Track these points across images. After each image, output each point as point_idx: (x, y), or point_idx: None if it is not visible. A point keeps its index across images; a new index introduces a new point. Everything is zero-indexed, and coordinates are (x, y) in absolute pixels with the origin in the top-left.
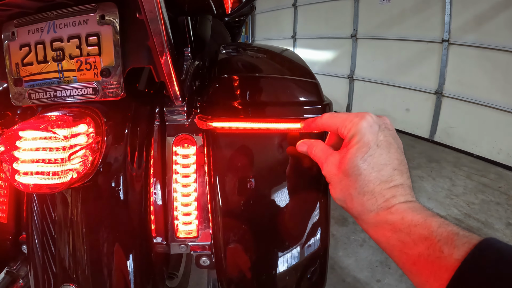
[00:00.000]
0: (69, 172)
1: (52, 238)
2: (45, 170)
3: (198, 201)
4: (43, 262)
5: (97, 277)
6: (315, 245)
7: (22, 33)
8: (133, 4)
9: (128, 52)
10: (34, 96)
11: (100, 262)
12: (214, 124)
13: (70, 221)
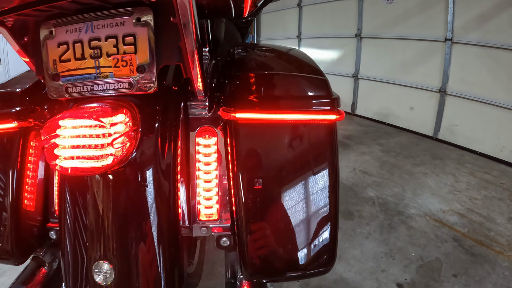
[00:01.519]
0: (109, 156)
1: (86, 219)
2: (86, 155)
3: (219, 187)
4: (76, 241)
5: (128, 256)
6: (326, 228)
7: (60, 32)
8: (167, 9)
9: (161, 51)
10: (71, 90)
11: (131, 242)
12: (237, 115)
13: (103, 203)
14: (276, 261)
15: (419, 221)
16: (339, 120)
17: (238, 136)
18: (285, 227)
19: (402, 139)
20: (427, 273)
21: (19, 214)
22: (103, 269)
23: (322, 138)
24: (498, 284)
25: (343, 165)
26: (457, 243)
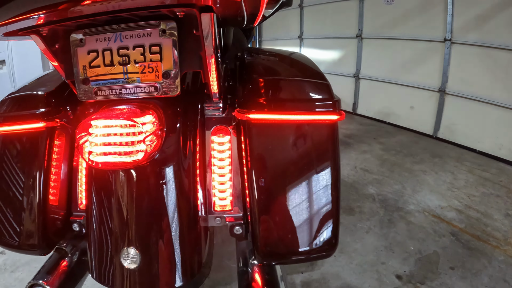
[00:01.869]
0: (140, 152)
1: (114, 210)
2: (118, 151)
3: (232, 181)
4: (104, 230)
5: (153, 242)
6: (328, 217)
7: (90, 41)
8: (190, 22)
9: (184, 59)
10: (100, 93)
11: (156, 229)
12: (251, 116)
13: (131, 195)
14: (285, 246)
15: (418, 217)
16: (340, 120)
17: (251, 135)
18: (292, 216)
19: (403, 137)
20: (425, 265)
21: (45, 208)
22: (130, 254)
23: (325, 136)
24: (494, 276)
25: (344, 163)
26: (454, 237)
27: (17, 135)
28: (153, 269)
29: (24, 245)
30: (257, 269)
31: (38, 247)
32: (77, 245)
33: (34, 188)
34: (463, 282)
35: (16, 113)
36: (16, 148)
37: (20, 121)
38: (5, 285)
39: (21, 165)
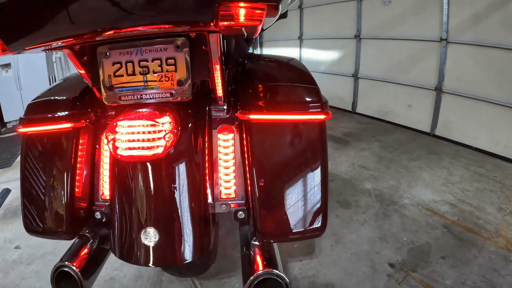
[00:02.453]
0: (160, 147)
1: (135, 196)
2: (142, 146)
3: (235, 172)
4: (126, 213)
5: (169, 223)
6: (318, 203)
7: (114, 54)
8: (200, 39)
9: (195, 69)
10: (123, 98)
11: (172, 212)
12: (251, 116)
13: (150, 183)
14: (281, 226)
15: (411, 210)
16: (327, 119)
17: (251, 132)
18: (287, 202)
19: (400, 135)
20: (417, 255)
21: (72, 199)
22: (150, 234)
23: (314, 133)
24: (484, 266)
25: (342, 160)
26: (446, 229)
27: (47, 135)
28: (169, 245)
29: (54, 232)
30: (257, 249)
31: (66, 232)
32: (98, 232)
33: (63, 182)
34: (453, 270)
35: (46, 115)
36: (46, 146)
37: (50, 122)
38: (22, 277)
39: (51, 162)
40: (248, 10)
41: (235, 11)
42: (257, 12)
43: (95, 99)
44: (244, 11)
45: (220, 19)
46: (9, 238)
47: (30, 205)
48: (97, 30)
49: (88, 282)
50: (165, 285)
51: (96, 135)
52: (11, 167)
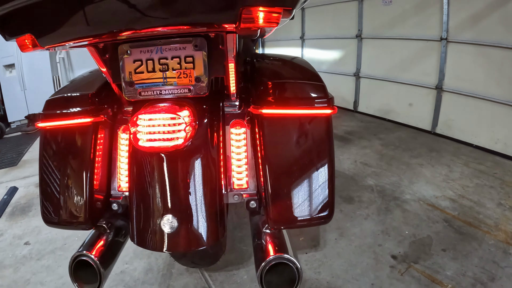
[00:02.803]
0: (180, 139)
1: (155, 185)
2: (163, 137)
3: (247, 164)
4: (146, 202)
5: (187, 210)
6: (326, 192)
7: (135, 52)
8: (216, 39)
9: (211, 67)
10: (143, 94)
11: (190, 200)
12: (263, 111)
13: (170, 173)
14: (292, 214)
15: (413, 205)
16: (333, 113)
17: (263, 126)
18: (297, 191)
19: (402, 133)
20: (419, 247)
21: (92, 191)
22: (169, 220)
23: (322, 126)
24: (484, 258)
25: (345, 157)
26: (447, 223)
27: (66, 129)
28: (187, 232)
29: (73, 222)
30: (268, 236)
31: (85, 223)
32: (114, 223)
33: (83, 175)
34: (453, 262)
35: (66, 111)
36: (65, 141)
37: (71, 117)
38: (33, 272)
39: (70, 155)
40: (266, 14)
41: (255, 14)
42: (274, 16)
43: (111, 95)
44: (263, 14)
45: (242, 21)
46: (18, 234)
47: (50, 197)
48: (124, 31)
49: (106, 272)
50: (175, 277)
51: (113, 129)
52: (17, 166)
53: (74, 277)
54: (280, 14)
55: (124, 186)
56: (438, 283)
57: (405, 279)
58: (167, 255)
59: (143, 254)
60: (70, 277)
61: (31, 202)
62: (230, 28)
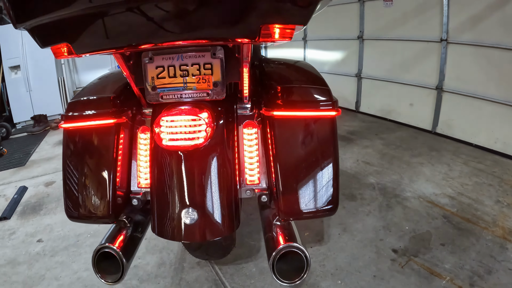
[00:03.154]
0: (200, 138)
1: (176, 181)
2: (185, 137)
3: (259, 162)
4: (168, 196)
5: (206, 203)
6: (331, 187)
7: (158, 59)
8: (233, 48)
9: (228, 73)
10: (165, 97)
11: (208, 194)
12: (274, 113)
13: (190, 169)
14: (300, 206)
15: (413, 202)
16: (338, 115)
17: (274, 127)
18: (306, 185)
19: (403, 133)
20: (419, 242)
21: (115, 187)
22: (189, 212)
23: (327, 126)
24: (482, 252)
25: (347, 157)
26: (446, 219)
27: (91, 129)
28: (206, 223)
29: (97, 216)
30: (278, 228)
31: (108, 217)
32: (133, 217)
33: (106, 172)
34: (452, 256)
35: (90, 112)
36: (89, 140)
37: (94, 118)
38: (47, 268)
39: (94, 154)
40: (282, 30)
41: (272, 30)
42: (288, 32)
43: (130, 98)
44: (279, 30)
45: (261, 36)
46: (31, 232)
47: (74, 194)
48: (153, 43)
49: (127, 264)
50: (187, 270)
51: (132, 130)
52: (25, 166)
53: (97, 268)
54: (293, 30)
55: (144, 183)
56: (436, 275)
57: (405, 271)
58: (179, 249)
59: (155, 250)
60: (93, 268)
61: (41, 201)
62: (247, 40)
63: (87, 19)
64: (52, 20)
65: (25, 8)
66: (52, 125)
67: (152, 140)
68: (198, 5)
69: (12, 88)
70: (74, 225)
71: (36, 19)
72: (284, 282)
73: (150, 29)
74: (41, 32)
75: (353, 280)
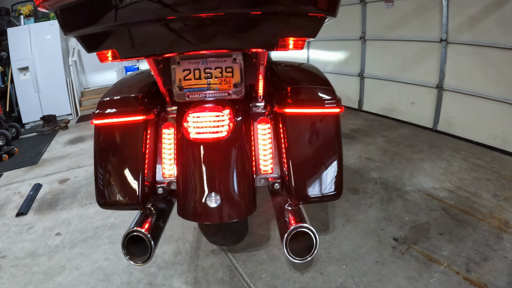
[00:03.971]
0: (223, 132)
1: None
2: (210, 130)
3: (272, 154)
4: (193, 183)
5: (228, 189)
6: (336, 174)
7: (185, 63)
8: (251, 54)
9: (246, 76)
10: (191, 96)
11: (230, 180)
12: (286, 110)
13: (214, 159)
14: (308, 192)
15: (413, 195)
16: (341, 112)
17: (286, 122)
18: (314, 173)
19: (404, 131)
20: (418, 231)
21: (143, 177)
22: (213, 196)
23: (332, 122)
24: (478, 241)
25: (350, 153)
26: (444, 211)
27: (121, 125)
28: (228, 206)
29: (127, 203)
30: (289, 212)
31: (138, 204)
32: (158, 205)
33: (136, 163)
34: (449, 244)
35: (121, 109)
36: (119, 135)
37: (125, 115)
38: (67, 259)
39: (124, 148)
40: (295, 41)
41: (287, 42)
42: (300, 43)
43: (155, 97)
44: (293, 42)
45: (279, 47)
46: (49, 226)
47: (105, 183)
48: (188, 51)
49: (155, 246)
50: (202, 258)
51: (157, 126)
52: (37, 164)
53: (126, 250)
54: (304, 42)
55: (168, 174)
56: (435, 261)
57: (405, 257)
58: (193, 239)
59: (171, 240)
60: (123, 251)
61: (57, 197)
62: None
63: (133, 30)
64: (102, 31)
65: (75, 19)
66: (61, 125)
67: (177, 134)
68: (229, 22)
69: (21, 89)
70: (91, 219)
71: (85, 29)
72: (296, 259)
73: (188, 39)
74: (90, 40)
75: (357, 265)
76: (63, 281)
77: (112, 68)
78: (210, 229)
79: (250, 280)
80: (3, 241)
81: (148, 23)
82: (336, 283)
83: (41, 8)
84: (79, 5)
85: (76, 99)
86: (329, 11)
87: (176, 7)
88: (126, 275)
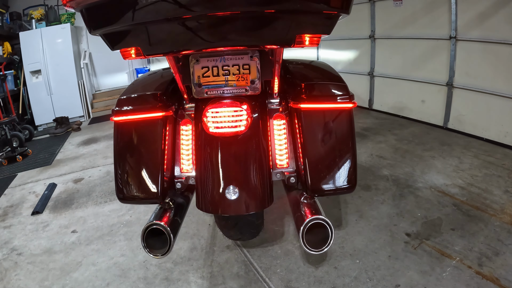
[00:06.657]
0: (242, 126)
1: (220, 162)
2: (229, 125)
3: (287, 148)
4: (211, 176)
5: (246, 182)
6: (350, 168)
7: (203, 60)
8: (267, 51)
9: (263, 72)
10: (209, 93)
11: (248, 173)
12: (301, 106)
13: (233, 152)
14: (324, 185)
15: (425, 192)
16: (354, 107)
17: (301, 117)
18: (329, 167)
19: (415, 129)
20: (430, 227)
21: (163, 172)
22: (232, 189)
23: (345, 116)
24: (489, 236)
25: (362, 151)
26: (456, 207)
27: (140, 122)
28: (245, 199)
29: (148, 198)
30: (305, 205)
31: (157, 198)
32: (176, 200)
33: (156, 159)
34: (461, 239)
35: (140, 106)
36: (139, 131)
37: (144, 111)
38: (83, 255)
39: (144, 143)
40: (311, 38)
41: (304, 39)
42: (315, 39)
43: (173, 95)
44: (309, 38)
45: (296, 44)
46: (64, 224)
47: (125, 178)
48: (207, 49)
49: (174, 239)
50: (217, 253)
51: (175, 122)
52: (51, 165)
53: (145, 243)
54: (320, 38)
55: (186, 169)
56: (447, 256)
57: (418, 252)
58: (208, 235)
59: (186, 236)
60: (142, 243)
61: (71, 196)
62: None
63: (157, 28)
64: (126, 29)
65: (100, 18)
66: (74, 126)
67: (195, 129)
68: (251, 21)
69: (33, 92)
70: (106, 217)
71: (110, 27)
72: (312, 251)
73: (208, 37)
74: (114, 37)
75: (370, 260)
76: (79, 277)
77: (123, 70)
78: (227, 223)
79: (265, 274)
80: (19, 239)
81: (170, 22)
82: (350, 277)
83: (68, 7)
84: (105, 4)
85: (88, 101)
86: (342, 8)
87: (195, 7)
88: (142, 270)
